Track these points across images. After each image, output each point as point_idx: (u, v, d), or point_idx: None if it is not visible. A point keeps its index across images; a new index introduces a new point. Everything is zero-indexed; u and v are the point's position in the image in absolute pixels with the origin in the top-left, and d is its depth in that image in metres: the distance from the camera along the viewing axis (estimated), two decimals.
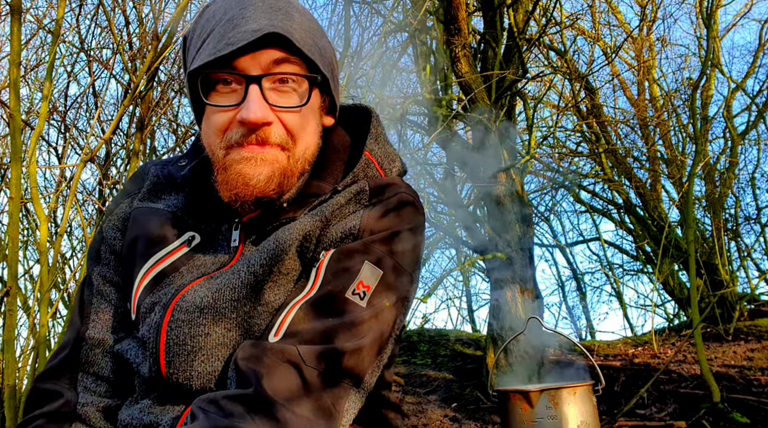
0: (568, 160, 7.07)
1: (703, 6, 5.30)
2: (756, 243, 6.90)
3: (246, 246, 0.93)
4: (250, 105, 0.83)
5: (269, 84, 0.86)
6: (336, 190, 0.93)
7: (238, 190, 0.87)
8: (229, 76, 0.86)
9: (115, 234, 1.04)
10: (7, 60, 2.64)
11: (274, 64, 0.85)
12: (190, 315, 0.87)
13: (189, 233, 0.97)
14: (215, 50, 0.83)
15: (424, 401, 4.40)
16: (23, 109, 3.86)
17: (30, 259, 4.71)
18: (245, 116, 0.84)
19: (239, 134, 0.86)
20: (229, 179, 0.87)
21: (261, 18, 0.84)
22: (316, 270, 0.88)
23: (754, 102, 6.43)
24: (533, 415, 0.94)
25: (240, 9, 0.85)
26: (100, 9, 3.69)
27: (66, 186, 3.58)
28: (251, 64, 0.85)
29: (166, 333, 0.87)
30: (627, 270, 8.25)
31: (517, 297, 4.10)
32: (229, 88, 0.87)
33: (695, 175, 4.42)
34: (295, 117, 0.88)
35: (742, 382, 3.73)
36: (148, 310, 0.92)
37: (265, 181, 0.87)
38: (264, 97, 0.85)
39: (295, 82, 0.88)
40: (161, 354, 0.87)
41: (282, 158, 0.88)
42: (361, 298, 0.85)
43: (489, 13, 4.35)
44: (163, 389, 0.90)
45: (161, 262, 0.95)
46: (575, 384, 0.97)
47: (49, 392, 0.96)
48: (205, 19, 0.89)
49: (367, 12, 4.90)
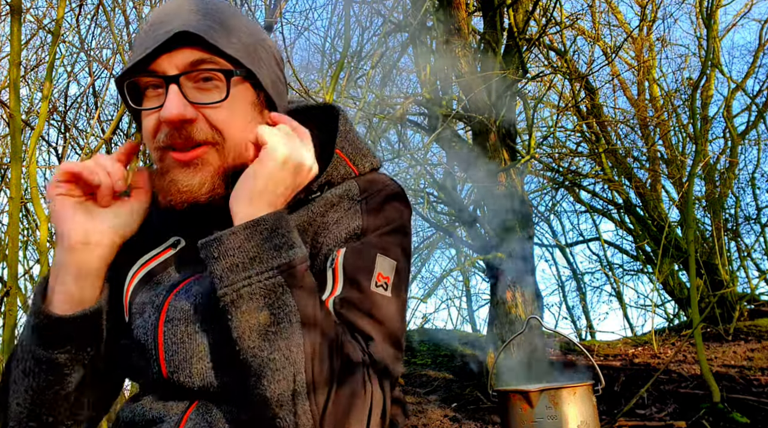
0: (568, 160, 7.07)
1: (703, 6, 5.30)
2: (756, 243, 6.91)
3: None
4: (167, 104, 0.85)
5: (191, 83, 0.87)
6: (310, 191, 0.95)
7: (171, 197, 0.88)
8: (155, 80, 0.87)
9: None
10: (7, 60, 2.64)
11: (191, 65, 0.86)
12: (185, 314, 0.88)
13: (174, 237, 1.00)
14: (135, 56, 0.86)
15: (424, 401, 4.40)
16: (23, 109, 3.86)
17: (30, 259, 4.71)
18: (162, 114, 0.85)
19: (164, 134, 0.87)
20: (163, 185, 0.89)
21: (176, 20, 0.86)
22: (333, 269, 0.90)
23: (754, 102, 6.43)
24: (533, 415, 0.94)
25: (163, 16, 0.88)
26: (100, 9, 3.69)
27: None
28: (168, 65, 0.86)
29: (163, 333, 0.88)
30: (627, 270, 8.26)
31: (517, 297, 4.10)
32: (156, 92, 0.88)
33: (695, 175, 4.42)
34: (219, 112, 0.88)
35: (742, 382, 3.73)
36: (139, 311, 0.93)
37: (197, 187, 0.88)
38: (184, 95, 0.86)
39: (218, 80, 0.88)
40: (161, 355, 0.88)
41: (213, 157, 0.89)
42: (385, 289, 0.90)
43: (489, 13, 4.35)
44: (162, 388, 0.91)
45: (149, 264, 0.97)
46: (575, 384, 0.97)
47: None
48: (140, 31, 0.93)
49: (367, 12, 4.90)
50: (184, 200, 0.88)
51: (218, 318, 0.86)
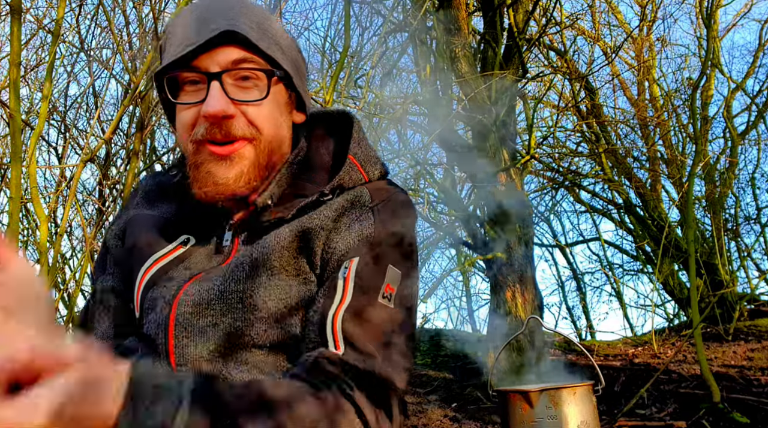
0: (568, 160, 7.07)
1: (703, 6, 5.30)
2: (756, 243, 6.90)
3: (240, 247, 0.97)
4: (209, 100, 0.87)
5: (231, 80, 0.91)
6: (323, 193, 0.96)
7: (207, 189, 0.91)
8: (194, 76, 0.90)
9: (116, 243, 1.08)
10: (7, 60, 2.64)
11: (233, 63, 0.90)
12: (197, 308, 0.90)
13: (184, 236, 1.01)
14: (177, 51, 0.88)
15: (424, 401, 4.40)
16: (23, 109, 3.86)
17: (30, 259, 4.71)
18: (205, 110, 0.88)
19: (203, 128, 0.89)
20: (199, 177, 0.91)
21: (219, 18, 0.89)
22: (345, 279, 0.91)
23: (754, 102, 6.43)
24: (533, 415, 0.94)
25: (203, 12, 0.90)
26: (100, 9, 3.69)
27: (66, 186, 3.58)
28: (211, 63, 0.89)
29: (174, 327, 0.90)
30: (627, 270, 8.26)
31: (517, 297, 4.10)
32: (195, 87, 0.91)
33: (695, 175, 4.43)
34: (258, 109, 0.92)
35: (742, 382, 3.73)
36: (150, 306, 0.94)
37: (233, 180, 0.91)
38: (225, 92, 0.89)
39: (256, 79, 0.92)
40: (170, 349, 0.90)
41: (249, 151, 0.92)
42: (390, 300, 0.91)
43: (489, 13, 4.35)
44: None
45: (159, 261, 0.98)
46: (575, 384, 0.97)
47: None
48: (172, 28, 0.94)
49: (367, 12, 4.90)
50: (219, 192, 0.90)
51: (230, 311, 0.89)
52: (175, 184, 1.04)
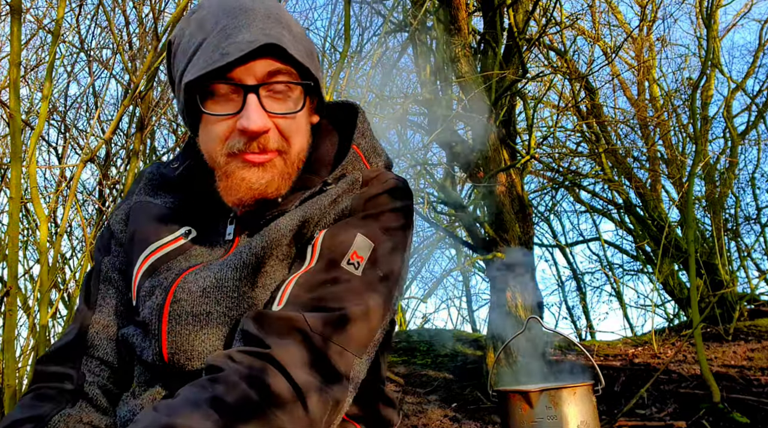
0: (568, 160, 7.07)
1: (703, 6, 5.30)
2: (756, 243, 6.90)
3: (242, 239, 0.97)
4: (250, 114, 0.86)
5: (265, 92, 0.89)
6: (326, 183, 0.97)
7: (242, 195, 0.91)
8: (227, 86, 0.88)
9: (121, 228, 1.08)
10: (7, 60, 2.64)
11: (269, 75, 0.88)
12: (192, 295, 0.90)
13: (185, 227, 1.01)
14: (211, 61, 0.85)
15: (424, 401, 4.40)
16: (23, 109, 3.86)
17: (30, 259, 4.71)
18: (247, 126, 0.86)
19: (241, 142, 0.88)
20: (232, 185, 0.91)
21: (254, 27, 0.86)
22: (312, 247, 0.92)
23: (754, 102, 6.43)
24: (533, 415, 0.94)
25: (232, 18, 0.87)
26: (100, 9, 3.69)
27: (66, 186, 3.58)
28: (246, 74, 0.87)
29: (168, 313, 0.90)
30: (627, 270, 8.26)
31: (517, 297, 4.10)
32: (225, 97, 0.89)
33: (695, 175, 4.43)
34: (289, 122, 0.92)
35: (742, 382, 3.73)
36: (148, 294, 0.95)
37: (266, 185, 0.91)
38: (261, 105, 0.88)
39: (289, 89, 0.91)
40: (163, 335, 0.90)
41: (279, 162, 0.92)
42: (356, 268, 0.89)
43: (489, 13, 4.35)
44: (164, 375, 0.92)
45: (159, 250, 0.98)
46: (575, 384, 0.97)
47: (55, 373, 0.98)
48: (194, 27, 0.90)
49: (367, 12, 4.91)
50: (253, 196, 0.91)
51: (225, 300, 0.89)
52: (177, 176, 1.04)
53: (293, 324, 0.82)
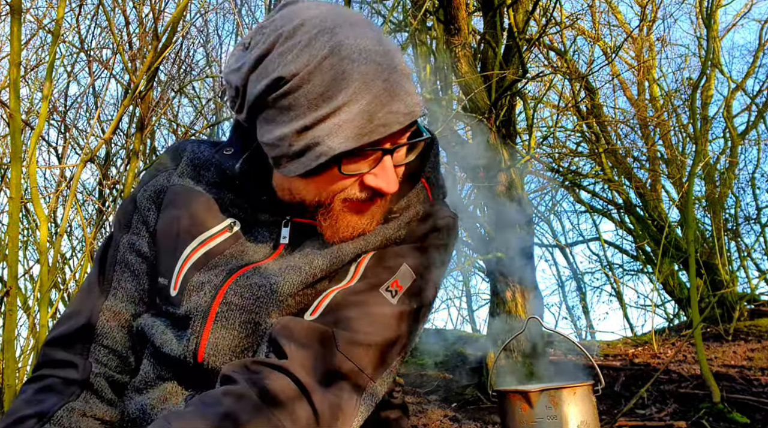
0: (568, 160, 7.07)
1: (703, 6, 5.30)
2: (756, 243, 6.90)
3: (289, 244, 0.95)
4: (389, 177, 0.85)
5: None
6: (391, 211, 0.96)
7: (344, 236, 0.91)
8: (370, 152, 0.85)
9: (149, 205, 1.02)
10: (7, 60, 2.64)
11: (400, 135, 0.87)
12: (244, 300, 0.88)
13: (230, 218, 0.98)
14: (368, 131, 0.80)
15: (424, 401, 4.40)
16: (23, 109, 3.86)
17: (30, 259, 4.71)
18: (385, 189, 0.85)
19: (364, 194, 0.88)
20: (338, 228, 0.90)
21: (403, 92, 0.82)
22: (356, 265, 0.92)
23: (754, 102, 6.43)
24: (533, 415, 0.94)
25: (383, 81, 0.80)
26: (100, 9, 3.69)
27: (66, 186, 3.58)
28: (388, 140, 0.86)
29: (216, 314, 0.88)
30: (627, 270, 8.26)
31: (517, 297, 4.10)
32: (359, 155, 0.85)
33: (695, 175, 4.43)
34: (400, 170, 0.93)
35: (742, 382, 3.73)
36: (197, 289, 0.91)
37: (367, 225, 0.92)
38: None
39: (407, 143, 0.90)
40: (205, 334, 0.87)
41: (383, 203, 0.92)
42: (393, 296, 0.89)
43: (489, 13, 4.35)
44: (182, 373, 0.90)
45: (207, 242, 0.95)
46: (575, 384, 0.97)
47: (61, 360, 0.95)
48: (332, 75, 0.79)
49: (367, 12, 4.90)
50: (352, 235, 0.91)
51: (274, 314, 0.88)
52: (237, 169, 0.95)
53: (321, 336, 0.82)
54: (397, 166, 0.90)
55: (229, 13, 4.28)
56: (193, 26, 3.71)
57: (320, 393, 0.78)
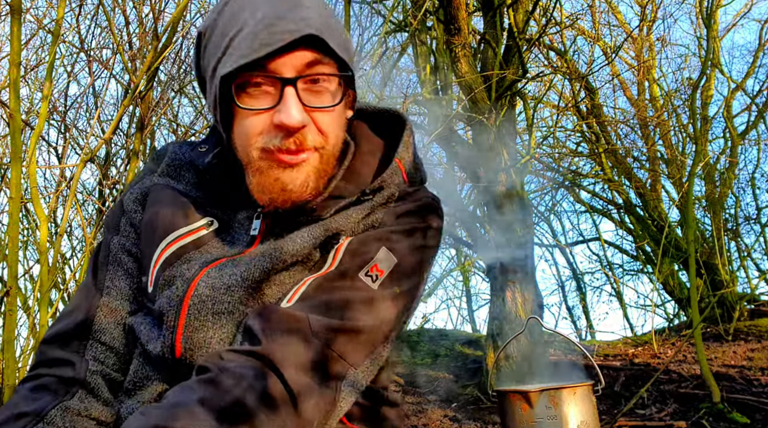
0: (568, 160, 7.07)
1: (703, 6, 5.31)
2: (756, 243, 6.90)
3: (266, 237, 0.94)
4: (288, 109, 0.82)
5: (302, 84, 0.85)
6: (364, 193, 0.94)
7: (275, 195, 0.88)
8: (262, 79, 0.83)
9: (135, 207, 1.03)
10: (7, 60, 2.64)
11: (307, 66, 0.84)
12: (216, 291, 0.87)
13: (208, 217, 0.97)
14: (250, 51, 0.80)
15: (424, 401, 4.40)
16: (23, 109, 3.86)
17: (30, 259, 4.71)
18: (285, 121, 0.82)
19: (278, 138, 0.84)
20: (265, 183, 0.88)
21: (295, 16, 0.82)
22: (334, 252, 0.90)
23: (754, 102, 6.43)
24: (533, 415, 0.94)
25: (271, 6, 0.82)
26: (100, 9, 3.69)
27: (66, 186, 3.58)
28: (284, 66, 0.83)
29: (188, 306, 0.87)
30: (627, 270, 8.26)
31: (517, 297, 4.10)
32: (260, 89, 0.84)
33: (695, 175, 4.43)
34: (327, 116, 0.88)
35: (742, 382, 3.73)
36: (168, 283, 0.91)
37: (300, 187, 0.87)
38: (299, 98, 0.83)
39: (327, 81, 0.87)
40: (179, 328, 0.86)
41: (315, 160, 0.88)
42: (374, 281, 0.87)
43: (489, 13, 4.35)
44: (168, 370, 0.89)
45: (182, 238, 0.95)
46: (575, 384, 0.97)
47: (56, 358, 0.94)
48: (228, 16, 0.85)
49: (367, 12, 4.91)
50: (286, 198, 0.88)
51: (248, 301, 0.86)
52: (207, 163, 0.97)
53: (296, 323, 0.81)
54: (317, 108, 0.85)
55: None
56: (193, 26, 3.70)
57: (295, 375, 0.77)
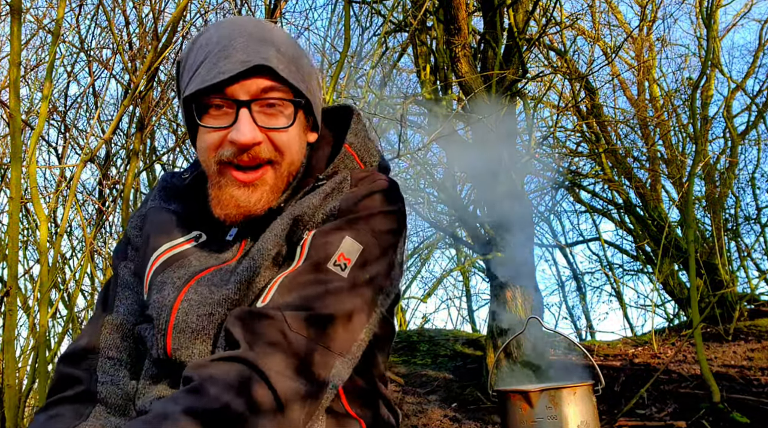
0: (568, 160, 7.07)
1: (703, 6, 5.31)
2: (756, 243, 6.90)
3: (248, 243, 1.01)
4: (241, 127, 0.92)
5: (258, 107, 0.94)
6: (318, 179, 1.01)
7: (229, 211, 0.96)
8: (221, 101, 0.93)
9: (136, 232, 1.12)
10: (7, 60, 2.64)
11: (262, 92, 0.94)
12: (203, 297, 0.93)
13: (196, 231, 1.05)
14: (208, 77, 0.91)
15: (424, 401, 4.40)
16: (23, 109, 3.86)
17: (30, 259, 4.71)
18: (236, 138, 0.92)
19: (230, 152, 0.93)
20: (222, 199, 0.96)
21: (250, 49, 0.93)
22: (300, 248, 0.95)
23: (754, 102, 6.43)
24: (533, 415, 0.94)
25: (230, 40, 0.94)
26: (100, 9, 3.69)
27: (66, 186, 3.59)
28: (241, 91, 0.93)
29: (177, 311, 0.92)
30: (627, 270, 8.25)
31: (517, 297, 4.10)
32: (221, 111, 0.94)
33: (695, 175, 4.43)
34: (283, 135, 0.96)
35: (742, 382, 3.73)
36: (158, 289, 0.97)
37: (254, 203, 0.96)
38: (253, 119, 0.93)
39: (281, 106, 0.96)
40: (169, 331, 0.92)
41: (270, 176, 0.97)
42: (342, 270, 0.91)
43: (489, 13, 4.35)
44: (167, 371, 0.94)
45: (171, 249, 1.02)
46: (575, 384, 0.97)
47: (69, 376, 1.00)
48: (197, 47, 0.97)
49: (367, 12, 4.90)
50: (240, 213, 0.96)
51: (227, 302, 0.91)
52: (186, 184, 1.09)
53: (273, 323, 0.84)
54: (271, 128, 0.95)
55: (229, 13, 4.28)
56: (193, 26, 3.71)
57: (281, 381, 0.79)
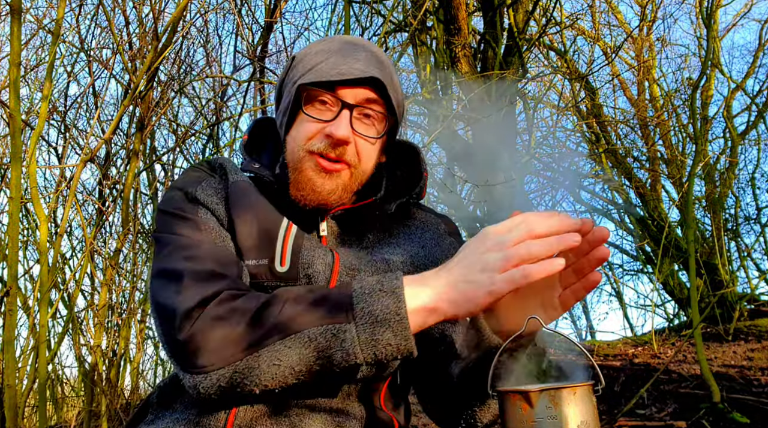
0: (568, 160, 7.06)
1: (703, 6, 5.31)
2: (756, 243, 6.90)
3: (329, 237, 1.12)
4: (340, 124, 1.03)
5: (357, 114, 1.06)
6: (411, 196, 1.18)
7: (305, 193, 1.06)
8: (329, 98, 1.05)
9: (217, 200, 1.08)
10: (7, 60, 2.64)
11: (366, 101, 1.06)
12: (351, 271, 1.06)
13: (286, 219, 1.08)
14: (329, 75, 1.04)
15: None
16: (23, 109, 3.86)
17: (30, 259, 4.71)
18: (333, 131, 1.03)
19: (323, 144, 1.04)
20: (300, 181, 1.06)
21: (369, 64, 1.06)
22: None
23: (754, 102, 6.43)
24: (533, 415, 0.94)
25: (354, 51, 1.07)
26: (100, 9, 3.69)
27: (66, 186, 3.59)
28: (349, 95, 1.05)
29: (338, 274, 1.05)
30: (627, 270, 8.25)
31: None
32: (325, 107, 1.06)
33: (695, 175, 4.42)
34: (367, 145, 1.09)
35: (742, 382, 3.73)
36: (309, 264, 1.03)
37: (328, 192, 1.05)
38: (351, 122, 1.05)
39: (376, 119, 1.09)
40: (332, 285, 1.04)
41: (346, 175, 1.07)
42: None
43: (489, 13, 4.35)
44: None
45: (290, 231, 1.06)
46: (575, 384, 0.97)
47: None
48: (320, 49, 1.09)
49: (367, 12, 4.90)
50: (314, 199, 1.06)
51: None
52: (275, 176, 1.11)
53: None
54: (362, 135, 1.07)
55: (229, 13, 4.28)
56: (193, 26, 3.71)
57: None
